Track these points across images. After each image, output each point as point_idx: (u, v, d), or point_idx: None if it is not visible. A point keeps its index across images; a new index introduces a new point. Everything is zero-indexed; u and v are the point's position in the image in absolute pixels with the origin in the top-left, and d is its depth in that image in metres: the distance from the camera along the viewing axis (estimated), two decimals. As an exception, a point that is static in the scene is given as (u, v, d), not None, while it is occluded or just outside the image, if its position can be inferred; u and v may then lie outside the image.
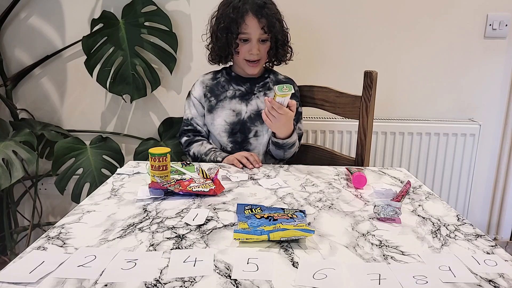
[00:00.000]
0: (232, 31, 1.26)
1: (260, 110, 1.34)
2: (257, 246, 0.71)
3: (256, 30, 1.27)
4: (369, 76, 1.27)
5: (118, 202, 0.92)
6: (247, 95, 1.36)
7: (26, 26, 1.76)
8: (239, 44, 1.29)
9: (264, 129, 1.35)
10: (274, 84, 1.38)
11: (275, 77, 1.42)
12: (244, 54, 1.30)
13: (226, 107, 1.35)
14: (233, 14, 1.25)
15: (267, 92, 1.37)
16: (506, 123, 1.87)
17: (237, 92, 1.36)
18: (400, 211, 0.83)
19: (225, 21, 1.27)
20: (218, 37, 1.30)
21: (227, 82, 1.38)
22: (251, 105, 1.35)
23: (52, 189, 1.80)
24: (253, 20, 1.26)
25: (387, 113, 1.84)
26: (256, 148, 1.36)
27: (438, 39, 1.78)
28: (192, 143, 1.37)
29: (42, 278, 0.61)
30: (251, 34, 1.27)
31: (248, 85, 1.37)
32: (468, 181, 1.82)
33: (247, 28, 1.26)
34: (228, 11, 1.26)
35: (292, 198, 0.96)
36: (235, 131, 1.34)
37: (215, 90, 1.37)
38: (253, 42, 1.29)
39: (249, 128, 1.34)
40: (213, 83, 1.39)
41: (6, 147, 1.48)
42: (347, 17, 1.76)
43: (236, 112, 1.34)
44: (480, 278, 0.63)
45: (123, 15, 1.69)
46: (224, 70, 1.42)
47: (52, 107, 1.85)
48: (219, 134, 1.35)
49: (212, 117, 1.36)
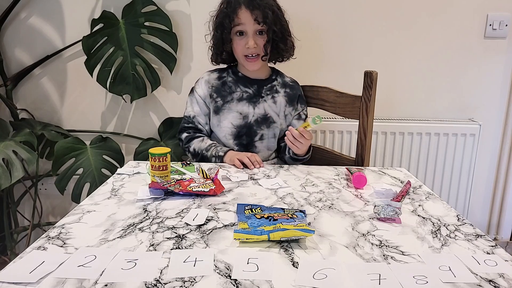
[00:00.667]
0: (225, 26, 1.25)
1: (267, 114, 1.34)
2: (257, 246, 0.71)
3: (249, 22, 1.25)
4: (369, 76, 1.27)
5: (118, 202, 0.92)
6: (254, 98, 1.34)
7: (26, 26, 1.76)
8: (235, 40, 1.28)
9: (270, 133, 1.35)
10: (280, 88, 1.38)
11: (282, 79, 1.40)
12: (242, 49, 1.28)
13: (233, 109, 1.33)
14: (226, 9, 1.25)
15: (275, 95, 1.36)
16: (506, 123, 1.87)
17: (244, 95, 1.34)
18: (400, 211, 0.83)
19: (219, 16, 1.27)
20: (214, 34, 1.31)
21: (234, 83, 1.35)
22: (258, 109, 1.34)
23: (52, 189, 1.80)
24: (246, 12, 1.24)
25: (387, 113, 1.84)
26: (261, 151, 1.36)
27: (438, 39, 1.78)
28: (192, 139, 1.35)
29: (42, 278, 0.61)
30: (245, 26, 1.26)
31: (255, 87, 1.35)
32: (468, 181, 1.82)
33: (240, 21, 1.25)
34: (222, 7, 1.28)
35: (292, 198, 0.96)
36: (241, 134, 1.33)
37: (222, 91, 1.35)
38: (249, 35, 1.26)
39: (255, 132, 1.34)
40: (219, 83, 1.36)
41: (6, 147, 1.48)
42: (347, 17, 1.76)
43: (243, 115, 1.33)
44: (480, 278, 0.63)
45: (123, 15, 1.69)
46: (230, 70, 1.39)
47: (52, 107, 1.85)
48: (225, 136, 1.34)
49: (218, 119, 1.34)
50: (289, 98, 1.38)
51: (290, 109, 1.38)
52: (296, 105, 1.40)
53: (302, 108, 1.41)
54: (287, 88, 1.39)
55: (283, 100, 1.37)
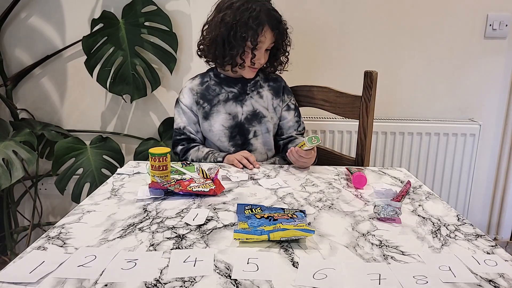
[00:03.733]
0: (245, 38, 1.24)
1: (256, 110, 1.34)
2: (257, 246, 0.71)
3: (269, 41, 1.29)
4: (369, 76, 1.27)
5: (118, 202, 0.92)
6: (240, 96, 1.34)
7: (26, 26, 1.76)
8: (248, 51, 1.27)
9: (263, 128, 1.35)
10: (264, 82, 1.38)
11: (263, 74, 1.41)
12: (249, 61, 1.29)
13: (221, 111, 1.32)
14: (253, 25, 1.22)
15: (260, 90, 1.36)
16: (506, 123, 1.87)
17: (230, 95, 1.34)
18: (400, 211, 0.83)
19: (242, 29, 1.23)
20: (231, 43, 1.25)
21: (218, 85, 1.35)
22: (246, 106, 1.34)
23: (52, 189, 1.80)
24: (270, 33, 1.27)
25: (387, 113, 1.84)
26: (258, 148, 1.36)
27: (438, 39, 1.78)
28: (188, 150, 1.34)
29: (42, 278, 0.61)
30: (263, 44, 1.28)
31: (239, 85, 1.35)
32: (468, 181, 1.82)
33: (263, 39, 1.27)
34: (245, 19, 1.22)
35: (292, 198, 0.96)
36: (234, 134, 1.33)
37: (207, 95, 1.34)
38: (262, 51, 1.29)
39: (247, 130, 1.34)
40: (202, 88, 1.35)
41: (6, 147, 1.48)
42: (347, 17, 1.76)
43: (232, 115, 1.33)
44: (480, 278, 0.63)
45: (123, 15, 1.69)
46: (211, 72, 1.38)
47: (52, 107, 1.85)
48: (219, 139, 1.34)
49: (209, 124, 1.33)
50: (274, 91, 1.38)
51: (278, 101, 1.38)
52: (282, 96, 1.40)
53: (289, 99, 1.42)
54: (270, 81, 1.40)
55: (269, 93, 1.37)
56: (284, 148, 1.39)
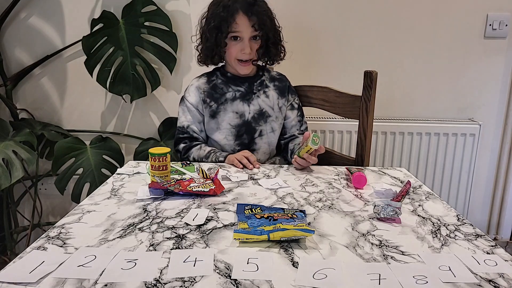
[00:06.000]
0: (223, 30, 1.24)
1: (262, 109, 1.34)
2: (257, 246, 0.71)
3: (247, 28, 1.25)
4: (369, 76, 1.27)
5: (118, 202, 0.92)
6: (247, 95, 1.34)
7: (26, 26, 1.76)
8: (230, 44, 1.27)
9: (268, 127, 1.35)
10: (269, 82, 1.38)
11: (269, 74, 1.41)
12: (236, 53, 1.28)
13: (228, 110, 1.32)
14: (224, 13, 1.23)
15: (266, 90, 1.36)
16: (506, 123, 1.87)
17: (237, 93, 1.34)
18: (400, 211, 0.83)
19: (215, 20, 1.25)
20: (207, 37, 1.27)
21: (225, 84, 1.35)
22: (253, 105, 1.34)
23: (52, 189, 1.80)
24: (244, 18, 1.24)
25: (387, 113, 1.84)
26: (261, 148, 1.36)
27: (438, 39, 1.78)
28: (190, 148, 1.34)
29: (42, 278, 0.61)
30: (242, 32, 1.26)
31: (246, 84, 1.35)
32: (468, 181, 1.82)
33: (238, 27, 1.25)
34: (218, 10, 1.24)
35: (292, 198, 0.96)
36: (241, 133, 1.33)
37: (214, 94, 1.34)
38: (245, 41, 1.26)
39: (254, 129, 1.34)
40: (210, 87, 1.35)
41: (6, 147, 1.48)
42: (347, 17, 1.76)
43: (239, 114, 1.33)
44: (480, 278, 0.63)
45: (123, 15, 1.69)
46: (218, 71, 1.38)
47: (52, 107, 1.85)
48: (226, 138, 1.33)
49: (216, 122, 1.33)
50: (279, 91, 1.39)
51: (283, 100, 1.39)
52: (287, 96, 1.40)
53: (293, 98, 1.42)
54: (276, 81, 1.40)
55: (274, 93, 1.37)
56: (285, 147, 1.39)
